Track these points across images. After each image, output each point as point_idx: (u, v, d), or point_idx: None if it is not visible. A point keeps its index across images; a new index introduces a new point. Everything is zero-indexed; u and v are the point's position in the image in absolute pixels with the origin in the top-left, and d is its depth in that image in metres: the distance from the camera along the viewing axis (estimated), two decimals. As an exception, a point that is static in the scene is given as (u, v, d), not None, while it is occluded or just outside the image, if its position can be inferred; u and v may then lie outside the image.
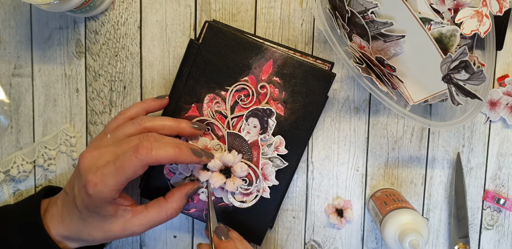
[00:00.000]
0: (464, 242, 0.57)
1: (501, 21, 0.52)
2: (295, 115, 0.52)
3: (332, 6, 0.49)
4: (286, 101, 0.52)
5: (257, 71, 0.51)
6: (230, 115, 0.52)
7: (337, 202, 0.57)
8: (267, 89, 0.51)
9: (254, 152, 0.52)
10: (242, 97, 0.52)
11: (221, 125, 0.52)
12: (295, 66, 0.51)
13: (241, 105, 0.52)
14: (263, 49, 0.51)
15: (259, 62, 0.51)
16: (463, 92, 0.47)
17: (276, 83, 0.51)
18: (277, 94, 0.52)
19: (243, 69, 0.51)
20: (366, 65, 0.48)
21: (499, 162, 0.58)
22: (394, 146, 0.57)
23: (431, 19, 0.48)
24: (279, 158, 0.52)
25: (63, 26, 0.56)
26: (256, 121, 0.51)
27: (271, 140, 0.52)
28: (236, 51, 0.51)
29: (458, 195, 0.56)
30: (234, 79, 0.52)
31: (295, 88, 0.51)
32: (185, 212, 0.54)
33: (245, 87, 0.51)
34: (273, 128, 0.51)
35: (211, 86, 0.52)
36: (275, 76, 0.51)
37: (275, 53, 0.51)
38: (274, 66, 0.51)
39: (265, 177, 0.52)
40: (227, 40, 0.51)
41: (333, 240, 0.58)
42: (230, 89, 0.51)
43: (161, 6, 0.56)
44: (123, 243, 0.59)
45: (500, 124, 0.57)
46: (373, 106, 0.57)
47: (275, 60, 0.51)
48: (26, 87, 0.57)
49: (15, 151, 0.58)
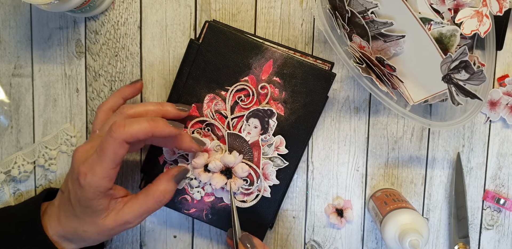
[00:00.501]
0: (464, 242, 0.57)
1: (501, 21, 0.52)
2: (295, 115, 0.52)
3: (332, 6, 0.49)
4: (286, 101, 0.52)
5: (257, 71, 0.51)
6: (230, 115, 0.52)
7: (337, 202, 0.57)
8: (267, 90, 0.51)
9: (254, 152, 0.52)
10: (242, 98, 0.51)
11: (221, 125, 0.52)
12: (295, 66, 0.51)
13: (241, 106, 0.52)
14: (263, 49, 0.51)
15: (259, 62, 0.51)
16: (463, 92, 0.47)
17: (276, 83, 0.51)
18: (277, 94, 0.52)
19: (243, 69, 0.51)
20: (366, 65, 0.48)
21: (499, 162, 0.58)
22: (394, 146, 0.57)
23: (431, 19, 0.48)
24: (280, 157, 0.52)
25: (63, 26, 0.56)
26: (256, 122, 0.51)
27: (272, 140, 0.52)
28: (236, 51, 0.51)
29: (458, 195, 0.56)
30: (234, 79, 0.51)
31: (295, 88, 0.51)
32: (185, 212, 0.54)
33: (245, 88, 0.51)
34: (273, 128, 0.51)
35: (211, 86, 0.52)
36: (275, 76, 0.51)
37: (275, 53, 0.51)
38: (274, 66, 0.51)
39: (265, 176, 0.52)
40: (227, 40, 0.51)
41: (333, 240, 0.58)
42: (231, 89, 0.51)
43: (161, 6, 0.56)
44: (123, 243, 0.59)
45: (500, 124, 0.57)
46: (373, 106, 0.57)
47: (275, 60, 0.51)
48: (26, 87, 0.57)
49: (15, 151, 0.58)
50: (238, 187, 0.51)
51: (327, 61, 0.52)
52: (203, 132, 0.52)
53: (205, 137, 0.52)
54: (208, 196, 0.53)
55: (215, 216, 0.54)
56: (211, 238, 0.59)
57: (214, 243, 0.59)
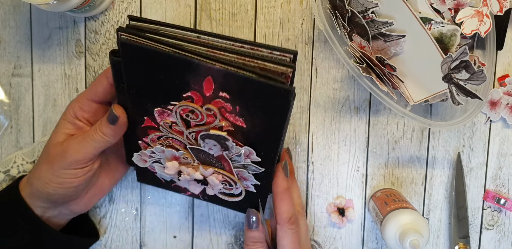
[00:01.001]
0: (465, 242, 0.56)
1: (501, 21, 0.52)
2: (258, 127, 0.43)
3: (332, 5, 0.49)
4: (243, 114, 0.42)
5: (198, 87, 0.42)
6: (186, 130, 0.45)
7: (338, 201, 0.57)
8: (214, 111, 0.43)
9: (224, 163, 0.46)
10: (190, 116, 0.44)
11: (181, 138, 0.46)
12: (240, 83, 0.40)
13: (194, 123, 0.44)
14: (194, 66, 0.40)
15: (196, 80, 0.41)
16: (463, 92, 0.47)
17: (225, 99, 0.42)
18: (230, 108, 0.42)
19: (182, 86, 0.42)
20: (366, 65, 0.48)
21: (500, 162, 0.57)
22: (395, 146, 0.57)
23: (432, 18, 0.48)
24: (253, 165, 0.46)
25: (63, 26, 0.56)
26: (214, 142, 0.44)
27: (239, 150, 0.44)
28: (165, 69, 0.41)
29: (459, 195, 0.56)
30: (176, 95, 0.43)
31: (249, 104, 0.41)
32: (183, 194, 0.54)
33: (189, 108, 0.43)
34: (234, 147, 0.44)
35: (155, 101, 0.44)
36: (221, 91, 0.41)
37: (211, 69, 0.40)
38: (216, 83, 0.41)
39: (244, 179, 0.48)
40: (149, 59, 0.41)
41: (333, 240, 0.58)
42: (174, 109, 0.44)
43: (161, 5, 0.56)
44: (122, 243, 0.59)
45: (500, 124, 0.57)
46: (374, 106, 0.57)
47: (214, 77, 0.40)
48: (25, 87, 0.57)
49: (15, 150, 0.58)
50: (217, 191, 0.49)
51: (287, 50, 0.41)
52: (165, 143, 0.48)
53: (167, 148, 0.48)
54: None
55: (209, 196, 0.52)
56: (211, 238, 0.59)
57: (214, 243, 0.59)
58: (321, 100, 0.56)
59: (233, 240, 0.58)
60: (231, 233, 0.58)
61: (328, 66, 0.56)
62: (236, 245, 0.59)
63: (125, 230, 0.59)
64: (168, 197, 0.58)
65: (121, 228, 0.58)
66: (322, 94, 0.56)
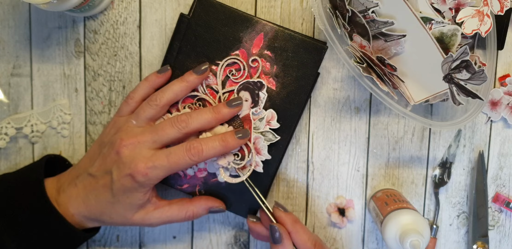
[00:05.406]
0: (483, 241, 0.56)
1: (502, 20, 0.52)
2: (286, 89, 0.52)
3: (333, 5, 0.49)
4: (277, 75, 0.51)
5: (248, 45, 0.51)
6: (222, 90, 0.52)
7: (339, 201, 0.57)
8: (258, 64, 0.51)
9: (246, 126, 0.51)
10: (233, 72, 0.51)
11: (213, 100, 0.52)
12: (286, 39, 0.51)
13: (232, 80, 0.51)
14: (253, 22, 0.51)
15: (249, 36, 0.51)
16: (464, 92, 0.46)
17: (267, 57, 0.51)
18: (268, 68, 0.51)
19: (234, 43, 0.51)
20: (366, 65, 0.48)
21: (500, 162, 0.57)
22: (395, 146, 0.57)
23: (432, 18, 0.48)
24: (271, 132, 0.52)
25: (62, 26, 0.56)
26: (247, 95, 0.51)
27: (263, 113, 0.51)
28: (226, 24, 0.51)
29: (479, 194, 0.56)
30: (225, 53, 0.51)
31: (287, 62, 0.51)
32: (178, 187, 0.54)
33: (236, 62, 0.51)
34: (264, 101, 0.51)
35: (201, 61, 0.52)
36: (266, 50, 0.51)
37: (266, 26, 0.51)
38: (265, 39, 0.51)
39: (257, 151, 0.52)
40: (217, 14, 0.51)
41: (333, 241, 0.58)
42: (221, 63, 0.51)
43: (161, 5, 0.55)
44: (122, 244, 0.59)
45: (501, 124, 0.57)
46: (374, 106, 0.57)
47: (265, 34, 0.51)
48: (25, 87, 0.57)
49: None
50: (228, 161, 0.51)
51: (320, 41, 0.52)
52: (194, 107, 0.52)
53: None
54: (201, 171, 0.53)
55: (208, 191, 0.54)
56: (210, 239, 0.58)
57: (214, 243, 0.58)
58: (321, 100, 0.56)
59: (233, 241, 0.58)
60: (231, 233, 0.58)
61: (328, 66, 0.56)
62: (236, 246, 0.58)
63: (124, 231, 0.58)
64: (168, 197, 0.58)
65: (120, 228, 0.58)
66: (322, 94, 0.56)
